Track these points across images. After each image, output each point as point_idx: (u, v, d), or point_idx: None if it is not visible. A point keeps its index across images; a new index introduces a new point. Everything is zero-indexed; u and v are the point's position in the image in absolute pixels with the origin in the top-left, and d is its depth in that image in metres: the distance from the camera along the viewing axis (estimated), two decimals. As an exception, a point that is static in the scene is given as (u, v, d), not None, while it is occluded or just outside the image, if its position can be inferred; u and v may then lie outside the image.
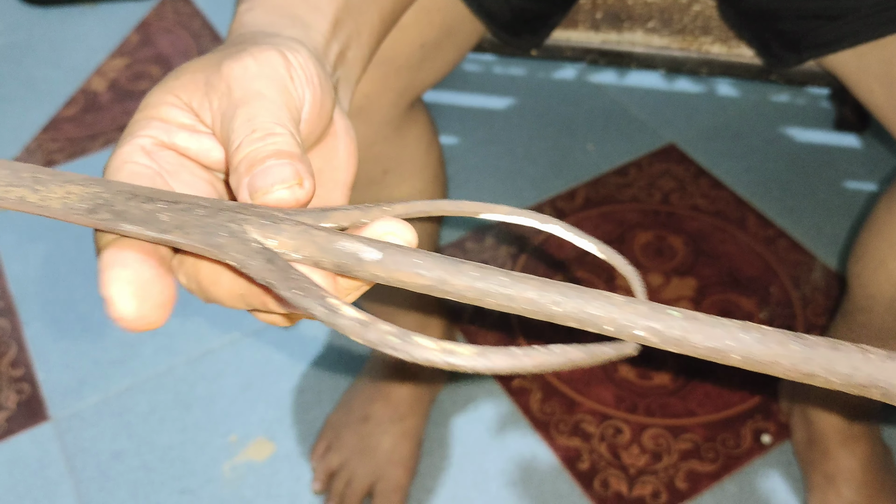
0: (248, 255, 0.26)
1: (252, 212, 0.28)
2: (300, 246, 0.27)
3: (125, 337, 1.14)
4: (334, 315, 0.24)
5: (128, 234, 0.27)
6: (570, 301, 0.25)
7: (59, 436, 1.04)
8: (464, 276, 0.25)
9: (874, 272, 0.71)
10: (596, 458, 0.99)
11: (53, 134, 1.46)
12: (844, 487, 0.90)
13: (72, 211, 0.28)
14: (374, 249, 0.26)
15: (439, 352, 0.23)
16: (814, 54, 0.68)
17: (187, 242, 0.27)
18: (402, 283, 0.26)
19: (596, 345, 0.24)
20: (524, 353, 0.23)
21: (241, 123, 0.30)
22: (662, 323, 0.24)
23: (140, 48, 1.63)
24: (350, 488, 0.95)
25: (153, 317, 0.28)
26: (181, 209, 0.28)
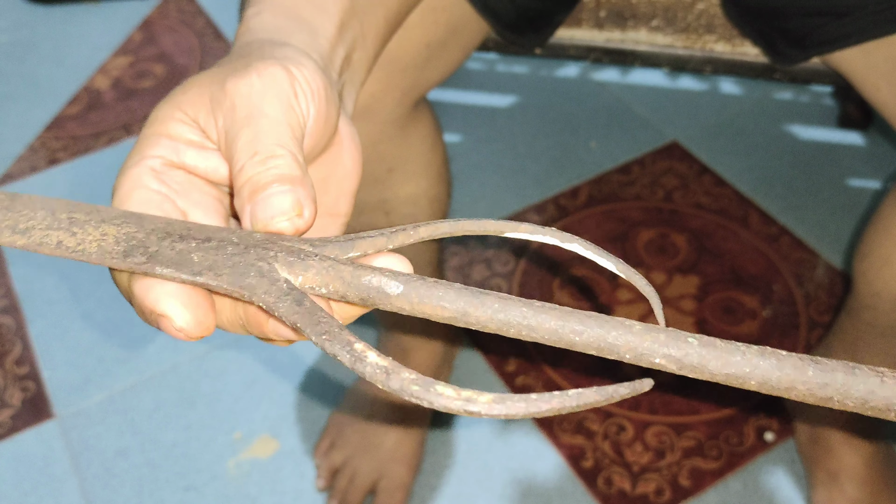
0: (277, 297, 0.27)
1: (281, 247, 0.29)
2: (327, 281, 0.28)
3: (129, 335, 1.14)
4: (360, 362, 0.25)
5: (163, 277, 0.29)
6: (589, 331, 0.26)
7: (64, 433, 1.04)
8: (486, 308, 0.26)
9: (880, 270, 0.71)
10: (599, 455, 0.99)
11: (57, 132, 1.46)
12: (848, 484, 0.90)
13: (108, 255, 0.29)
14: (398, 283, 0.27)
15: (459, 401, 0.24)
16: (819, 51, 0.68)
17: (218, 284, 0.28)
18: (426, 315, 0.27)
19: (611, 386, 0.24)
20: (540, 398, 0.24)
21: (244, 144, 0.31)
22: (680, 350, 0.25)
23: (143, 46, 1.63)
24: (353, 485, 0.96)
25: (208, 321, 0.29)
26: (212, 248, 0.29)
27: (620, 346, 0.25)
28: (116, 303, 1.18)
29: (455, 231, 0.31)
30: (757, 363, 0.25)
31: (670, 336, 0.25)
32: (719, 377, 0.25)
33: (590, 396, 0.24)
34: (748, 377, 0.25)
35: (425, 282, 0.27)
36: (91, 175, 1.37)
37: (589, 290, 1.14)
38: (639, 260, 1.18)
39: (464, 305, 0.26)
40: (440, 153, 0.80)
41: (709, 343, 0.25)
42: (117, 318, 1.16)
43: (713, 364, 0.25)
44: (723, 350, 0.25)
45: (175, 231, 0.30)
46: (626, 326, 0.25)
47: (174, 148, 0.32)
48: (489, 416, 0.24)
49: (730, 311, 1.11)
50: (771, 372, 0.25)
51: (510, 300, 0.26)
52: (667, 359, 0.25)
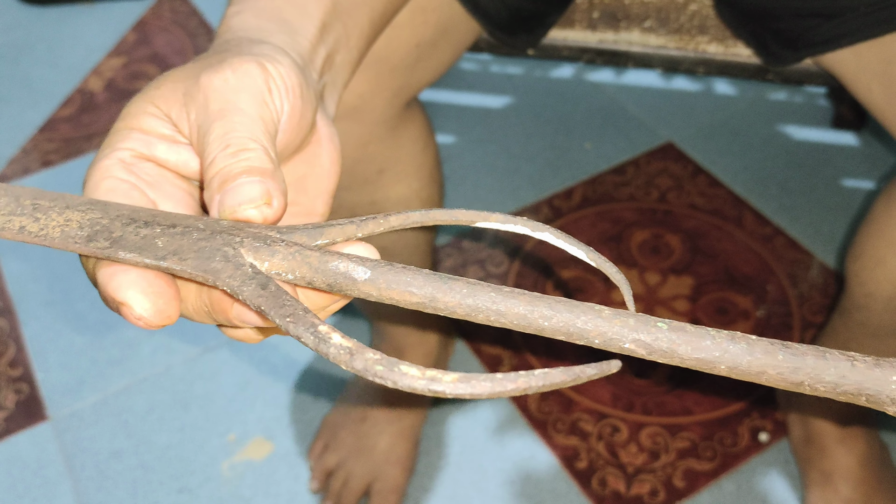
0: (241, 281, 0.27)
1: (247, 233, 0.29)
2: (294, 267, 0.28)
3: (123, 336, 1.14)
4: (323, 343, 0.25)
5: (125, 261, 0.28)
6: (559, 315, 0.26)
7: (58, 435, 1.04)
8: (454, 292, 0.26)
9: (872, 271, 0.71)
10: (594, 456, 0.99)
11: (50, 134, 1.46)
12: (842, 485, 0.90)
13: (70, 240, 0.29)
14: (365, 269, 0.27)
15: (423, 380, 0.24)
16: (811, 53, 0.68)
17: (182, 269, 0.28)
18: (394, 301, 0.27)
19: (578, 366, 0.24)
20: (506, 378, 0.24)
21: (216, 138, 0.31)
22: (650, 335, 0.25)
23: (137, 47, 1.63)
24: (347, 487, 0.95)
25: (170, 310, 0.29)
26: (178, 233, 0.29)
27: (590, 330, 0.25)
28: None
29: (425, 220, 0.31)
30: (727, 347, 0.25)
31: (640, 321, 0.25)
32: (689, 362, 0.25)
33: (556, 376, 0.24)
34: (718, 361, 0.25)
35: (393, 267, 0.27)
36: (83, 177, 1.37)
37: (583, 292, 1.14)
38: (633, 261, 1.18)
39: (432, 291, 0.26)
40: (432, 154, 0.80)
41: (678, 328, 0.25)
42: (111, 320, 1.16)
43: (682, 349, 0.25)
44: (693, 335, 0.25)
45: (140, 217, 0.30)
46: (595, 311, 0.25)
47: (146, 141, 0.33)
48: (454, 395, 0.24)
49: (723, 312, 1.11)
50: (741, 356, 0.24)
51: (479, 285, 0.26)
52: (636, 343, 0.25)
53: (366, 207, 0.76)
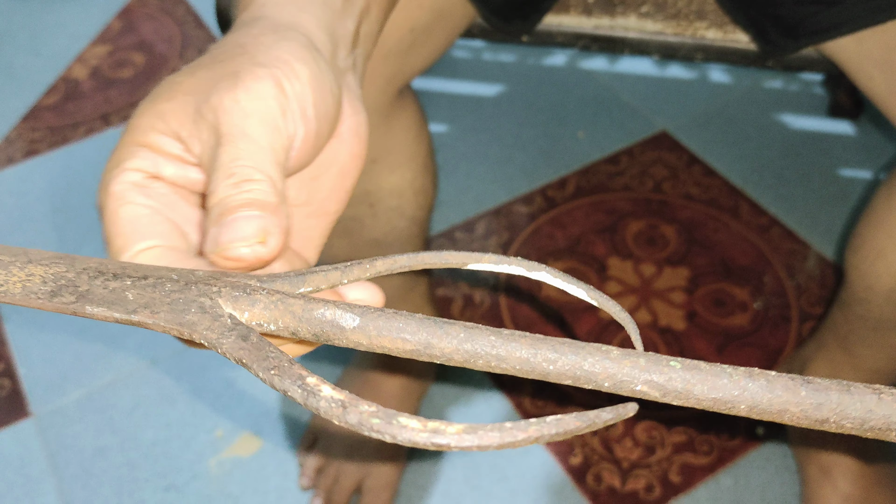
0: (220, 333, 0.26)
1: (224, 282, 0.27)
2: (276, 317, 0.26)
3: (107, 330, 1.12)
4: (312, 397, 0.23)
5: (94, 317, 0.27)
6: (564, 358, 0.24)
7: (41, 432, 1.02)
8: (450, 338, 0.25)
9: (873, 263, 0.70)
10: (588, 451, 0.97)
11: (34, 123, 1.43)
12: (840, 479, 0.89)
13: (33, 295, 0.28)
14: (353, 316, 0.25)
15: (425, 433, 0.22)
16: (812, 41, 0.67)
17: (155, 322, 0.26)
18: (386, 349, 0.25)
19: (593, 411, 0.23)
20: (516, 427, 0.22)
21: (222, 165, 0.30)
22: (663, 376, 0.23)
23: (122, 35, 1.60)
24: (338, 484, 0.94)
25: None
26: (149, 285, 0.27)
27: (598, 373, 0.24)
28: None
29: (413, 264, 0.29)
30: (745, 385, 0.23)
31: (651, 361, 0.23)
32: (706, 402, 0.23)
33: (570, 423, 0.22)
34: (737, 401, 0.23)
35: (384, 313, 0.25)
36: (69, 166, 1.34)
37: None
38: (628, 252, 1.16)
39: (426, 337, 0.25)
40: (425, 143, 0.78)
41: (693, 366, 0.23)
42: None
43: (699, 389, 0.23)
44: (708, 373, 0.23)
45: (109, 270, 0.28)
46: (603, 352, 0.24)
47: (153, 160, 0.31)
48: (460, 449, 0.22)
49: (720, 304, 1.10)
50: (761, 395, 0.23)
51: (476, 329, 0.24)
52: (649, 385, 0.23)
53: (359, 198, 0.74)
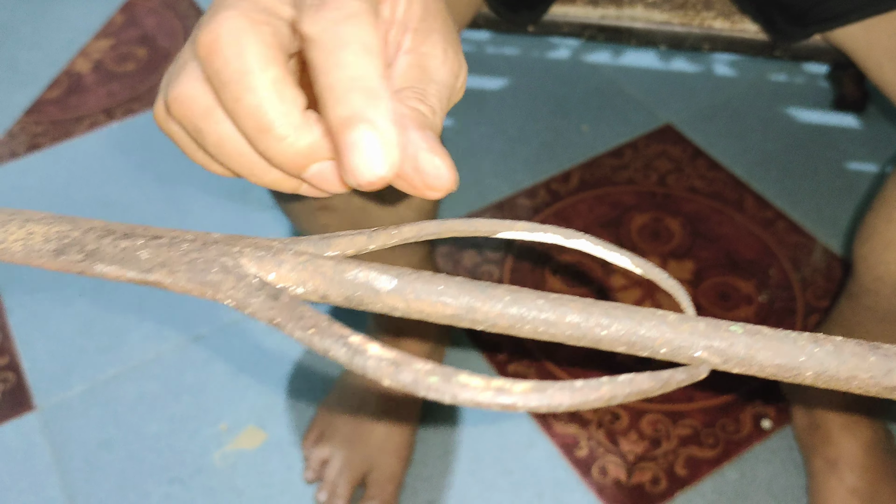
0: (247, 293, 0.24)
1: (246, 243, 0.25)
2: (305, 278, 0.24)
3: (112, 324, 1.11)
4: (359, 355, 0.21)
5: (104, 275, 0.25)
6: (618, 323, 0.23)
7: (45, 425, 1.02)
8: (494, 301, 0.23)
9: (882, 254, 0.69)
10: (594, 444, 0.97)
11: (37, 117, 1.43)
12: (847, 472, 0.89)
13: (35, 253, 0.25)
14: (390, 277, 0.24)
15: (489, 391, 0.20)
16: (821, 28, 0.66)
17: (174, 282, 0.24)
18: (424, 314, 0.23)
19: (666, 371, 0.21)
20: (587, 386, 0.21)
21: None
22: (724, 341, 0.22)
23: (125, 29, 1.59)
24: (343, 477, 0.93)
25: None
26: (163, 244, 0.25)
27: (655, 338, 0.22)
28: (98, 291, 1.15)
29: (442, 232, 0.27)
30: (812, 351, 0.22)
31: (710, 325, 0.22)
32: (769, 369, 0.22)
33: (643, 383, 0.21)
34: (803, 367, 0.22)
35: (421, 275, 0.24)
36: (72, 160, 1.34)
37: (583, 276, 1.12)
38: (632, 245, 1.16)
39: (469, 300, 0.23)
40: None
41: (755, 331, 0.22)
42: (99, 307, 1.13)
43: (762, 355, 0.22)
44: (772, 338, 0.22)
45: (117, 230, 0.26)
46: (659, 317, 0.22)
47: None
48: (526, 409, 0.20)
49: (725, 297, 1.09)
50: (828, 361, 0.22)
51: (523, 291, 0.23)
52: (709, 351, 0.22)
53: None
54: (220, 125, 0.27)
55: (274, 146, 0.25)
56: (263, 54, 0.25)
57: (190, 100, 0.27)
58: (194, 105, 0.27)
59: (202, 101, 0.26)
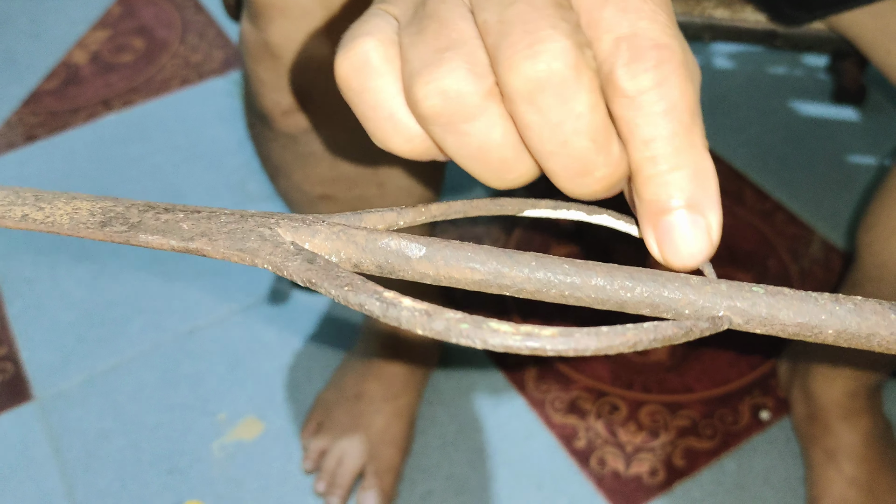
0: (284, 257, 0.25)
1: (282, 215, 0.26)
2: (339, 247, 0.25)
3: (110, 314, 1.11)
4: (393, 307, 0.22)
5: (148, 244, 0.26)
6: (642, 286, 0.23)
7: (44, 416, 1.02)
8: (521, 266, 0.24)
9: (887, 241, 0.69)
10: (592, 435, 0.97)
11: (34, 108, 1.42)
12: (845, 463, 0.89)
13: (82, 225, 0.27)
14: (420, 245, 0.25)
15: (518, 336, 0.21)
16: (827, 12, 0.66)
17: (214, 248, 0.25)
18: (453, 281, 0.24)
19: (689, 320, 0.22)
20: (612, 331, 0.21)
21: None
22: (746, 301, 0.23)
23: (122, 20, 1.59)
24: (342, 467, 0.93)
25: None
26: (203, 217, 0.27)
27: (678, 299, 0.23)
28: (96, 281, 1.15)
29: (469, 211, 0.28)
30: (833, 309, 0.22)
31: (733, 287, 0.23)
32: (791, 328, 0.23)
33: (667, 329, 0.21)
34: (824, 325, 0.22)
35: (450, 243, 0.24)
36: (69, 152, 1.34)
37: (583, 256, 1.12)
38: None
39: (497, 266, 0.24)
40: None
41: (776, 291, 0.23)
42: (97, 297, 1.13)
43: (784, 314, 0.22)
44: (793, 298, 0.23)
45: (158, 206, 0.27)
46: (682, 279, 0.23)
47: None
48: (554, 353, 0.21)
49: (724, 288, 1.09)
50: (849, 318, 0.22)
51: (548, 257, 0.24)
52: (732, 311, 0.23)
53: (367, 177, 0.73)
54: (492, 130, 0.24)
55: (592, 184, 0.24)
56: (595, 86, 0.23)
57: (463, 96, 0.23)
58: (466, 101, 0.23)
59: (473, 99, 0.23)
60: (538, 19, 0.22)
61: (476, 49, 0.23)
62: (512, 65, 0.22)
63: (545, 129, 0.23)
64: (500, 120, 0.23)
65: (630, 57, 0.22)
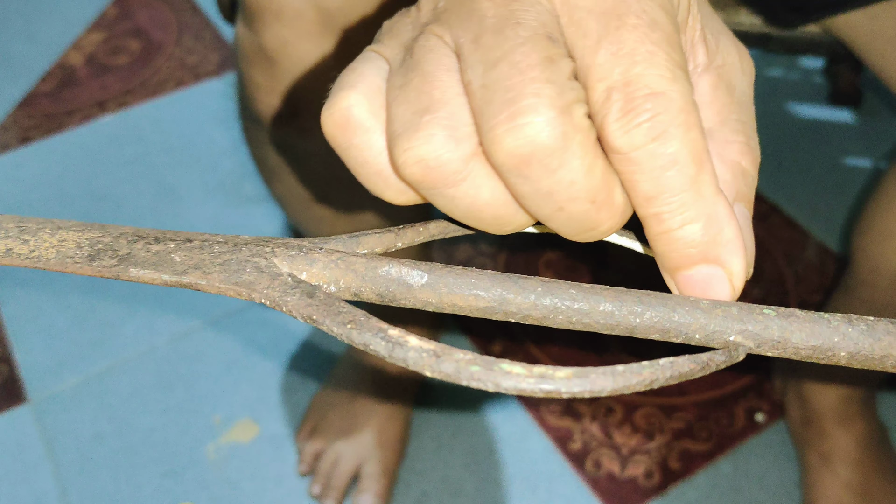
0: (282, 291, 0.24)
1: (277, 243, 0.26)
2: (337, 276, 0.24)
3: (105, 316, 1.11)
4: (399, 348, 0.22)
5: (139, 279, 0.25)
6: (651, 311, 0.23)
7: (38, 418, 1.01)
8: (527, 292, 0.23)
9: (880, 245, 0.69)
10: (587, 438, 0.97)
11: (29, 110, 1.42)
12: (840, 467, 0.89)
13: (69, 260, 0.25)
14: (421, 273, 0.24)
15: (532, 379, 0.20)
16: (822, 15, 0.66)
17: (209, 283, 0.24)
18: (457, 308, 0.24)
19: (705, 353, 0.22)
20: (629, 370, 0.21)
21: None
22: (758, 325, 0.22)
23: (118, 22, 1.59)
24: (336, 470, 0.93)
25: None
26: (195, 247, 0.26)
27: (689, 324, 0.22)
28: (91, 283, 1.15)
29: (468, 228, 0.28)
30: (846, 331, 0.22)
31: (743, 309, 0.22)
32: (804, 352, 0.22)
33: (684, 366, 0.21)
34: (837, 348, 0.22)
35: (453, 269, 0.24)
36: (64, 154, 1.34)
37: (574, 271, 1.12)
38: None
39: (501, 292, 0.23)
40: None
41: (788, 314, 0.22)
42: (92, 299, 1.13)
43: (797, 336, 0.22)
44: (805, 320, 0.22)
45: (148, 235, 0.26)
46: (692, 303, 0.22)
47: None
48: (569, 395, 0.20)
49: (719, 291, 1.09)
50: (863, 340, 0.22)
51: (554, 282, 0.23)
52: (743, 335, 0.22)
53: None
54: (479, 192, 0.23)
55: (600, 235, 0.23)
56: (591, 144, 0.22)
57: (443, 164, 0.22)
58: (446, 169, 0.22)
59: (454, 166, 0.22)
60: (521, 85, 0.21)
61: (458, 109, 0.22)
62: (494, 138, 0.21)
63: (537, 198, 0.22)
64: (487, 181, 0.23)
65: (622, 110, 0.21)
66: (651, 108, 0.21)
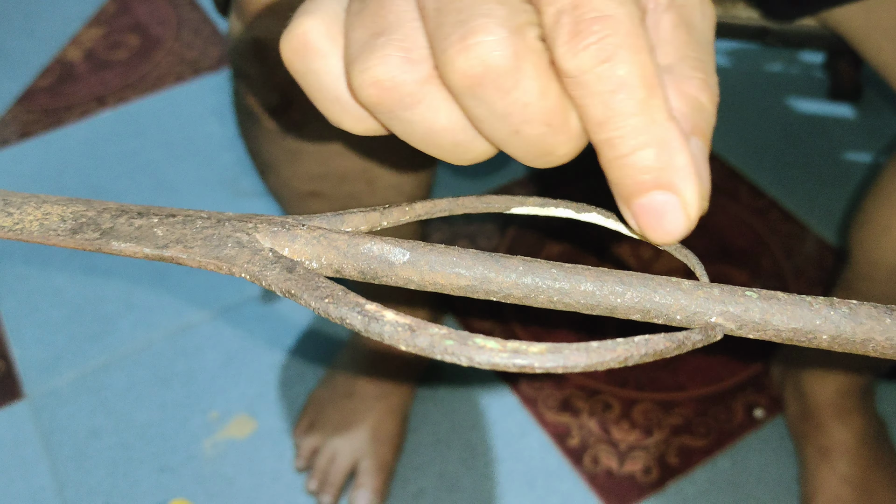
0: (262, 266, 0.24)
1: (260, 219, 0.26)
2: (319, 252, 0.25)
3: (102, 311, 1.11)
4: (375, 322, 0.22)
5: (121, 252, 0.25)
6: (632, 291, 0.23)
7: (35, 414, 1.01)
8: (508, 271, 0.23)
9: (879, 238, 0.69)
10: (585, 433, 0.96)
11: (28, 105, 1.42)
12: (839, 461, 0.88)
13: (52, 232, 0.26)
14: (403, 250, 0.24)
15: (505, 353, 0.20)
16: (818, 8, 0.65)
17: (189, 256, 0.25)
18: (438, 286, 0.24)
19: (682, 332, 0.21)
20: (603, 346, 0.21)
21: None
22: (739, 306, 0.22)
23: (117, 17, 1.58)
24: (333, 466, 0.93)
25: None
26: (178, 222, 0.26)
27: (669, 305, 0.22)
28: (88, 278, 1.14)
29: (454, 209, 0.27)
30: (827, 314, 0.22)
31: (725, 291, 0.22)
32: (785, 334, 0.22)
33: (659, 343, 0.21)
34: (819, 331, 0.22)
35: (435, 248, 0.24)
36: (63, 149, 1.33)
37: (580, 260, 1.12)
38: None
39: (483, 271, 0.23)
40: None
41: (770, 296, 0.22)
42: (89, 294, 1.13)
43: (778, 319, 0.22)
44: (787, 302, 0.22)
45: (132, 210, 0.27)
46: (673, 284, 0.22)
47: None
48: (542, 370, 0.20)
49: (718, 286, 1.09)
50: (844, 323, 0.22)
51: (536, 262, 0.23)
52: (724, 316, 0.22)
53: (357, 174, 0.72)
54: (436, 116, 0.23)
55: (557, 160, 0.23)
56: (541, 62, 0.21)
57: (398, 85, 0.22)
58: (402, 91, 0.22)
59: (410, 88, 0.22)
60: (473, 6, 0.21)
61: (413, 32, 0.22)
62: (447, 60, 0.21)
63: (493, 121, 0.22)
64: (443, 104, 0.22)
65: (570, 32, 0.20)
66: (598, 31, 0.20)
